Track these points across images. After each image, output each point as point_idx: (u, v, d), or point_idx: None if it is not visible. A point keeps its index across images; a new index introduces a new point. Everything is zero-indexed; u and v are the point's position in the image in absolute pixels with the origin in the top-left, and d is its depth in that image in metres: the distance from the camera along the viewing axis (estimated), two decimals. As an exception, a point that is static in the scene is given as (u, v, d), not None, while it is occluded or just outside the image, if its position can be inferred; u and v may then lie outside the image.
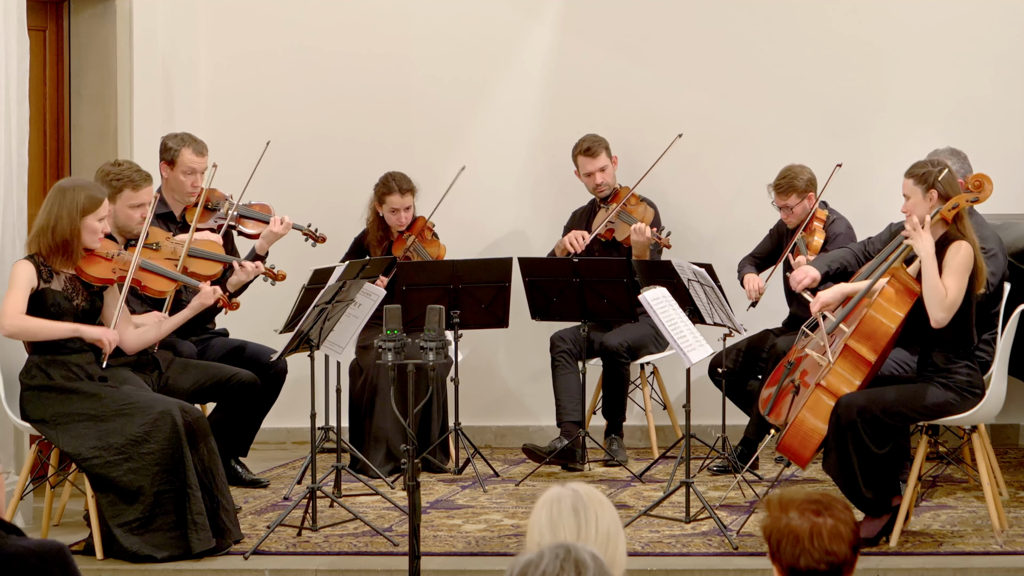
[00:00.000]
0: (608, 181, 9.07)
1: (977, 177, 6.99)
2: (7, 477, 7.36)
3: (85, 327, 6.92)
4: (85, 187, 6.96)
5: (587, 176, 9.08)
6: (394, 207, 8.80)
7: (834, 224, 8.58)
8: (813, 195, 8.56)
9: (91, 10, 8.79)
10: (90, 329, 6.93)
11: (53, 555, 3.97)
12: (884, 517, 6.87)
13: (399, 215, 8.81)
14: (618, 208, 8.97)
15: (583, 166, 9.08)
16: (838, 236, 8.52)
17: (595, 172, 9.04)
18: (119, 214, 7.46)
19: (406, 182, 8.81)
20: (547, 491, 3.65)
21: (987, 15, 9.33)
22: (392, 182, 8.80)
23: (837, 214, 8.64)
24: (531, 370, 9.42)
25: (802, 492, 3.72)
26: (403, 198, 8.79)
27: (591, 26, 9.58)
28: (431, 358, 6.26)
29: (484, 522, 7.44)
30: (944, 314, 6.65)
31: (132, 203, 7.45)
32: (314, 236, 8.42)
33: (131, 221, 7.47)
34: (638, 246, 8.81)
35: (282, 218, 8.23)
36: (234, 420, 7.86)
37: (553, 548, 3.29)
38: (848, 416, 6.70)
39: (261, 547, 6.93)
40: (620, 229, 8.96)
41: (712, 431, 8.70)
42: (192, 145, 8.16)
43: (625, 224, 8.93)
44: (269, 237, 8.24)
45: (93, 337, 6.93)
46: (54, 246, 6.88)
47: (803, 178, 8.52)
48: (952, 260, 6.69)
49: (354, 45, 9.67)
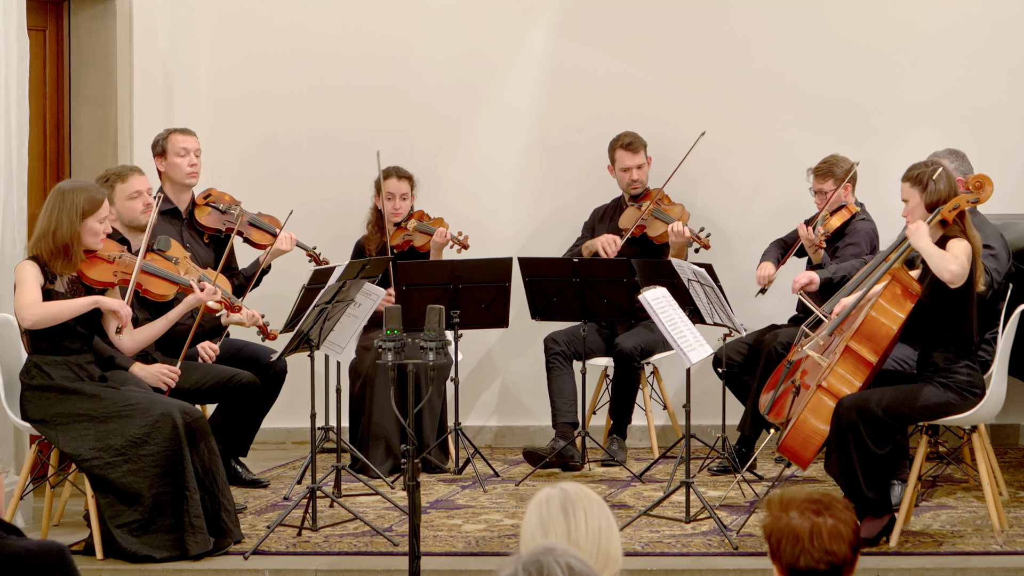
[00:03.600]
0: (643, 179, 9.06)
1: (978, 177, 6.99)
2: (7, 477, 7.37)
3: (103, 298, 6.97)
4: (85, 189, 6.97)
5: (623, 171, 9.05)
6: (391, 191, 8.82)
7: (860, 222, 8.57)
8: (850, 188, 8.58)
9: (91, 10, 8.79)
10: (108, 300, 6.97)
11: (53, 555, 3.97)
12: (884, 517, 6.87)
13: (395, 202, 8.85)
14: (651, 205, 8.94)
15: (622, 160, 9.05)
16: (857, 232, 8.51)
17: (632, 168, 9.02)
18: (121, 210, 7.58)
19: (403, 170, 8.91)
20: (537, 493, 3.65)
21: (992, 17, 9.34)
22: (390, 168, 8.89)
23: (868, 216, 8.62)
24: (531, 370, 9.41)
25: (802, 492, 3.72)
26: (399, 183, 8.85)
27: (589, 28, 9.58)
28: (431, 358, 6.26)
29: (484, 522, 7.44)
30: (956, 267, 6.60)
31: (127, 194, 7.54)
32: (316, 258, 8.58)
33: (135, 212, 7.55)
34: (676, 246, 8.79)
35: (290, 235, 8.34)
36: (234, 420, 7.87)
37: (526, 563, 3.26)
38: (849, 416, 6.71)
39: (261, 547, 6.93)
40: (653, 226, 8.92)
41: (712, 431, 8.70)
42: (176, 130, 8.34)
43: (660, 222, 8.90)
44: (274, 253, 8.39)
45: (111, 307, 6.95)
46: (55, 250, 6.89)
47: (843, 167, 8.54)
48: (954, 247, 6.69)
49: (354, 46, 9.67)
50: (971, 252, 6.71)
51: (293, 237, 8.39)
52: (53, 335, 6.92)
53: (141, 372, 7.25)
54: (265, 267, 8.42)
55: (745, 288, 8.86)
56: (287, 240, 8.37)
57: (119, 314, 6.97)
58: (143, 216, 7.55)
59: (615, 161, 9.09)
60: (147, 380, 7.22)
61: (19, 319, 6.90)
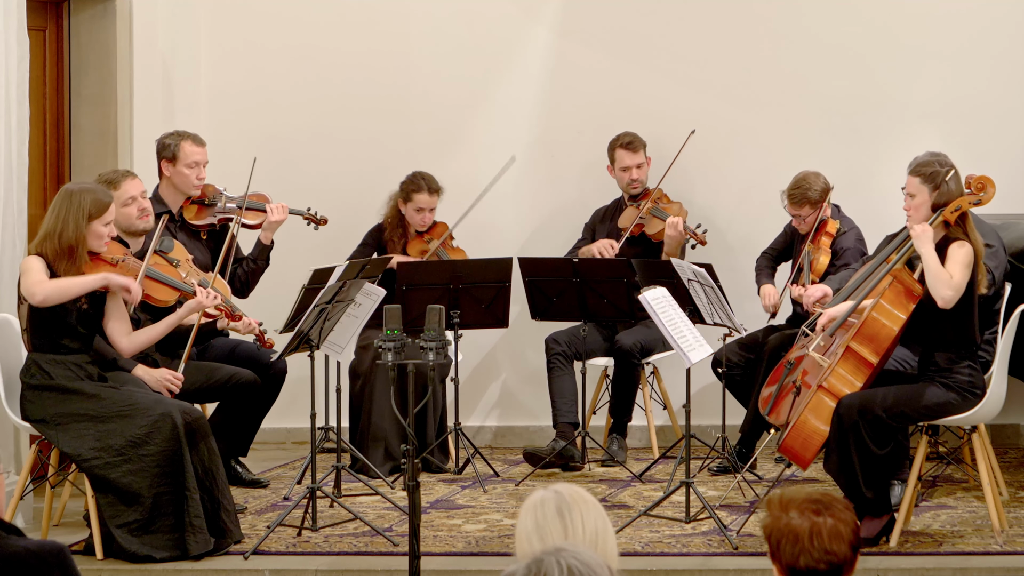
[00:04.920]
0: (643, 178, 9.06)
1: (980, 179, 6.95)
2: (7, 477, 7.36)
3: (112, 275, 6.96)
4: (92, 191, 6.95)
5: (623, 170, 9.04)
6: (420, 206, 8.82)
7: (843, 238, 8.48)
8: (825, 204, 8.49)
9: (91, 10, 8.78)
10: (117, 277, 6.96)
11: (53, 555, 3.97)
12: (884, 517, 6.87)
13: (424, 215, 8.84)
14: (649, 204, 8.94)
15: (621, 160, 9.04)
16: (845, 251, 8.43)
17: (632, 167, 9.02)
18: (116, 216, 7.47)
19: (435, 183, 8.86)
20: (530, 496, 3.64)
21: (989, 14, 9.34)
22: (422, 180, 8.84)
23: (849, 224, 8.57)
24: (531, 370, 9.41)
25: (802, 492, 3.72)
26: (431, 198, 8.83)
27: (591, 26, 9.58)
28: (431, 358, 6.26)
29: (484, 522, 7.44)
30: (950, 292, 6.62)
31: (121, 201, 7.44)
32: (314, 219, 8.52)
33: (130, 218, 7.48)
34: (672, 242, 8.77)
35: (280, 205, 8.30)
36: (234, 420, 7.87)
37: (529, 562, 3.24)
38: (849, 416, 6.70)
39: (261, 547, 6.93)
40: (651, 224, 8.92)
41: (712, 431, 8.70)
42: (190, 138, 8.24)
43: (657, 219, 8.90)
44: (270, 227, 8.34)
45: (121, 283, 6.94)
46: (60, 251, 6.88)
47: (816, 188, 8.43)
48: (954, 255, 6.69)
49: (354, 44, 9.67)
50: (972, 257, 6.71)
51: (284, 206, 8.33)
52: (53, 334, 6.91)
53: (145, 376, 7.24)
54: (268, 244, 8.36)
55: (745, 288, 8.85)
56: (279, 210, 8.31)
57: (130, 290, 6.96)
58: (139, 222, 7.51)
59: (615, 161, 9.09)
60: (150, 385, 7.21)
61: (28, 297, 6.84)
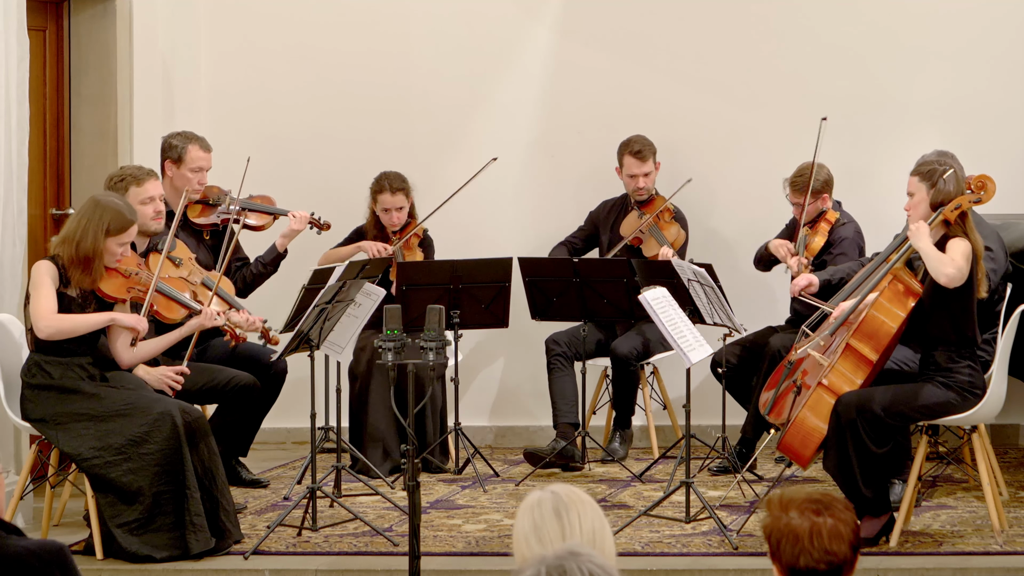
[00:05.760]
0: (649, 186, 9.04)
1: (980, 178, 6.96)
2: (7, 477, 7.36)
3: (119, 314, 7.00)
4: (116, 208, 6.93)
5: (630, 177, 9.03)
6: (385, 206, 8.79)
7: (842, 228, 8.53)
8: (828, 196, 8.53)
9: (91, 10, 8.78)
10: (124, 316, 7.00)
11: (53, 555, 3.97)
12: (884, 517, 6.87)
13: (391, 215, 8.80)
14: (650, 220, 8.92)
15: (629, 167, 9.03)
16: (843, 240, 8.47)
17: (639, 176, 9.00)
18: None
19: (398, 181, 8.78)
20: (527, 497, 3.63)
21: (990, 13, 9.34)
22: (384, 180, 8.80)
23: (848, 218, 8.60)
24: (531, 370, 9.41)
25: (802, 492, 3.72)
26: (394, 197, 8.77)
27: (591, 26, 9.58)
28: (431, 358, 6.25)
29: (484, 522, 7.44)
30: (952, 269, 6.59)
31: (139, 199, 7.43)
32: (319, 225, 8.56)
33: (144, 218, 7.46)
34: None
35: (302, 215, 8.40)
36: (234, 421, 7.87)
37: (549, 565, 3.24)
38: (848, 415, 6.70)
39: (261, 547, 6.93)
40: (648, 244, 8.91)
41: (712, 431, 8.70)
42: (197, 142, 8.24)
43: (654, 240, 8.89)
44: (290, 235, 8.42)
45: (127, 324, 6.98)
46: (76, 259, 6.89)
47: (819, 179, 8.47)
48: (954, 246, 6.69)
49: (354, 44, 9.67)
50: (971, 252, 6.71)
51: (304, 215, 8.41)
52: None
53: (146, 375, 7.24)
54: (282, 252, 8.44)
55: (745, 288, 8.84)
56: (301, 219, 8.40)
57: (136, 330, 7.00)
58: (152, 223, 7.50)
59: (623, 165, 9.08)
60: (151, 383, 7.21)
61: (34, 323, 6.88)
